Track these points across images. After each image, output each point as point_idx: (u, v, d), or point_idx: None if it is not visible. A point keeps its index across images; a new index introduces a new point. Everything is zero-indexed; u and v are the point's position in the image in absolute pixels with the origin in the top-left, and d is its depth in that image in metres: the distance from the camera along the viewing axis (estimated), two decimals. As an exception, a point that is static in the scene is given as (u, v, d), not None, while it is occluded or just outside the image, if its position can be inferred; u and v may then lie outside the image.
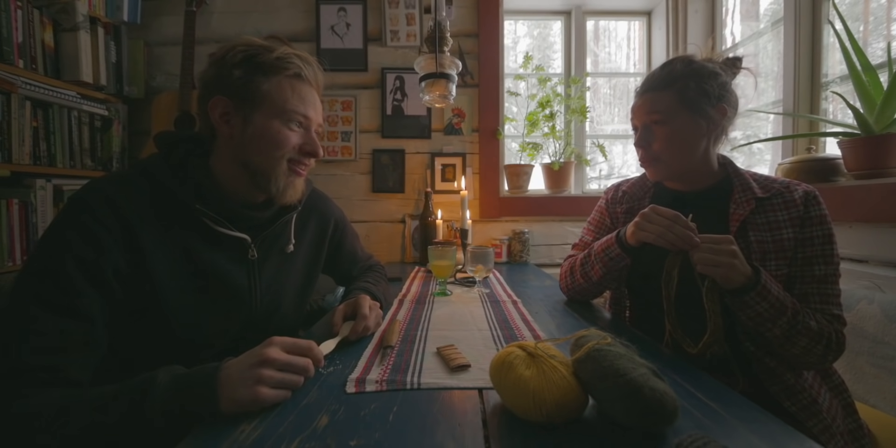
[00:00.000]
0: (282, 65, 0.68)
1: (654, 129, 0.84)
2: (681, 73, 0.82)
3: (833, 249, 0.75)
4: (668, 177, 0.89)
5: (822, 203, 0.78)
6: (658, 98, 0.83)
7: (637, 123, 0.88)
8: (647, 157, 0.87)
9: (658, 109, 0.83)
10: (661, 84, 0.83)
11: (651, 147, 0.85)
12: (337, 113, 1.82)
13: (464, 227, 1.44)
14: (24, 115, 1.34)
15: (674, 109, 0.82)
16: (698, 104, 0.81)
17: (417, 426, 0.46)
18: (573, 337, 0.52)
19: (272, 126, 0.69)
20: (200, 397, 0.47)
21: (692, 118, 0.82)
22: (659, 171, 0.87)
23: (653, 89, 0.85)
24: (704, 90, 0.81)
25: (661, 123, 0.83)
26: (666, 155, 0.84)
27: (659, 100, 0.83)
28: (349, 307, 0.77)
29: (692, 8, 1.84)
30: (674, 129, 0.82)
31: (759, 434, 0.44)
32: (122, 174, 0.66)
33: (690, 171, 0.86)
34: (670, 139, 0.83)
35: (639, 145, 0.87)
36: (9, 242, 1.29)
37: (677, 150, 0.83)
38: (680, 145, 0.83)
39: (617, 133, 2.09)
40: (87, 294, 0.55)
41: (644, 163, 0.88)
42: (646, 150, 0.86)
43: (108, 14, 1.66)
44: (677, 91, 0.81)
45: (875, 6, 1.26)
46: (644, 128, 0.86)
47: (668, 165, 0.85)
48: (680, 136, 0.82)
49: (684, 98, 0.81)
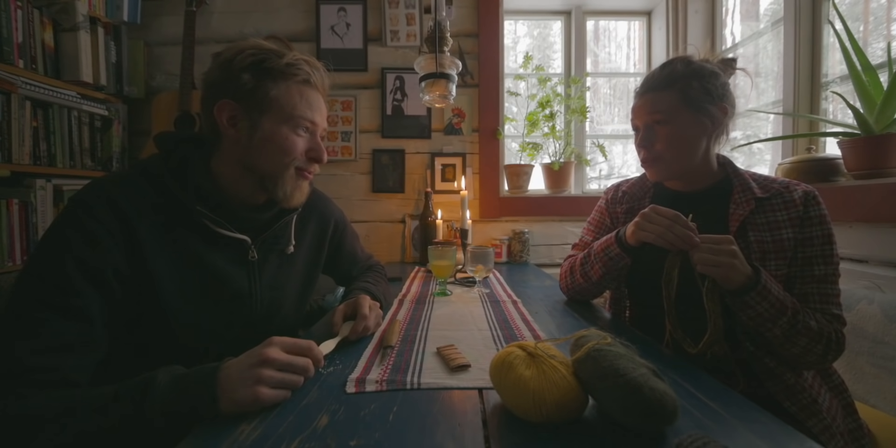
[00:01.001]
0: (291, 71, 0.69)
1: (657, 129, 0.84)
2: (682, 72, 0.82)
3: (833, 249, 0.75)
4: (670, 177, 0.89)
5: (821, 203, 0.78)
6: (660, 98, 0.83)
7: (638, 124, 0.88)
8: (649, 158, 0.86)
9: (660, 109, 0.83)
10: (663, 84, 0.83)
11: (654, 147, 0.84)
12: (337, 113, 1.82)
13: (464, 227, 1.44)
14: (24, 115, 1.34)
15: (676, 109, 0.82)
16: (701, 103, 0.81)
17: (417, 426, 0.46)
18: (573, 337, 0.52)
19: (280, 132, 0.69)
20: (200, 397, 0.47)
21: (695, 117, 0.82)
22: (661, 171, 0.87)
23: (654, 89, 0.85)
24: (707, 89, 0.81)
25: (663, 123, 0.83)
26: (668, 155, 0.83)
27: (661, 100, 0.83)
28: (349, 307, 0.77)
29: (692, 8, 1.84)
30: (676, 129, 0.82)
31: (759, 434, 0.43)
32: (122, 175, 0.66)
33: (691, 171, 0.86)
34: (672, 139, 0.83)
35: (641, 145, 0.87)
36: (9, 242, 1.29)
37: (679, 149, 0.83)
38: (682, 145, 0.83)
39: (617, 133, 2.09)
40: (86, 294, 0.55)
41: (646, 163, 0.88)
42: (648, 150, 0.86)
43: (108, 14, 1.66)
44: (679, 90, 0.81)
45: (875, 6, 1.26)
46: (646, 128, 0.85)
47: (669, 165, 0.85)
48: (682, 136, 0.82)
49: (687, 97, 0.81)
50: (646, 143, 0.85)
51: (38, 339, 0.51)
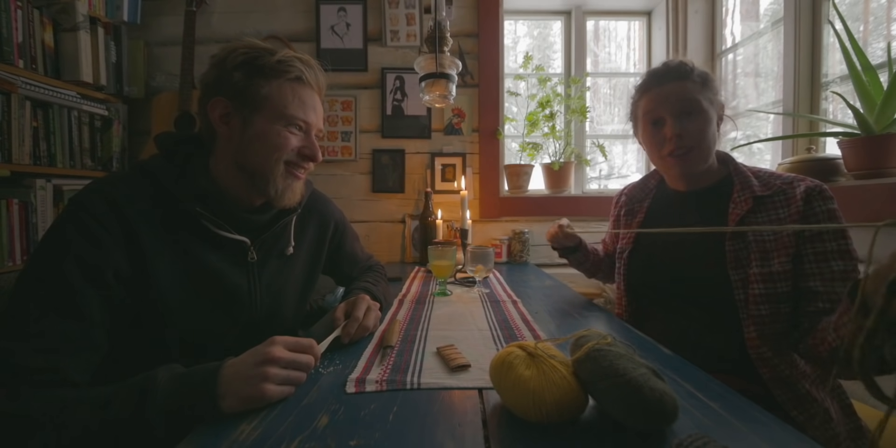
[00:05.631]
0: (283, 68, 0.68)
1: (688, 119, 0.82)
2: (691, 66, 0.83)
3: (848, 245, 0.71)
4: (701, 166, 0.85)
5: (829, 198, 0.75)
6: (685, 87, 0.82)
7: (663, 114, 0.84)
8: (681, 148, 0.83)
9: (690, 97, 0.82)
10: (683, 73, 0.83)
11: (688, 136, 0.82)
12: (337, 113, 1.82)
13: (464, 227, 1.44)
14: (24, 115, 1.34)
15: (701, 98, 0.82)
16: (714, 96, 0.83)
17: (417, 426, 0.46)
18: (573, 337, 0.52)
19: (272, 129, 0.69)
20: (201, 396, 0.47)
21: (712, 109, 0.83)
22: (695, 160, 0.84)
23: (679, 78, 0.83)
24: (714, 85, 0.83)
25: (696, 113, 0.82)
26: (703, 145, 0.82)
27: (688, 89, 0.82)
28: (349, 306, 0.77)
29: (692, 8, 1.84)
30: (704, 120, 0.82)
31: (760, 434, 0.43)
32: (122, 175, 0.66)
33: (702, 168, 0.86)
34: (703, 129, 0.82)
35: (676, 135, 0.82)
36: (9, 242, 1.29)
37: (709, 141, 0.83)
38: (710, 136, 0.83)
39: (617, 133, 2.09)
40: (87, 295, 0.55)
41: (677, 155, 0.84)
42: (682, 138, 0.82)
43: (108, 14, 1.67)
44: (698, 82, 0.82)
45: (875, 6, 1.26)
46: (677, 117, 0.83)
47: (701, 153, 0.83)
48: (709, 128, 0.82)
49: (704, 88, 0.82)
50: (682, 132, 0.82)
51: (38, 339, 0.51)
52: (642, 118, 0.89)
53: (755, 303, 0.73)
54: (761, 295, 0.73)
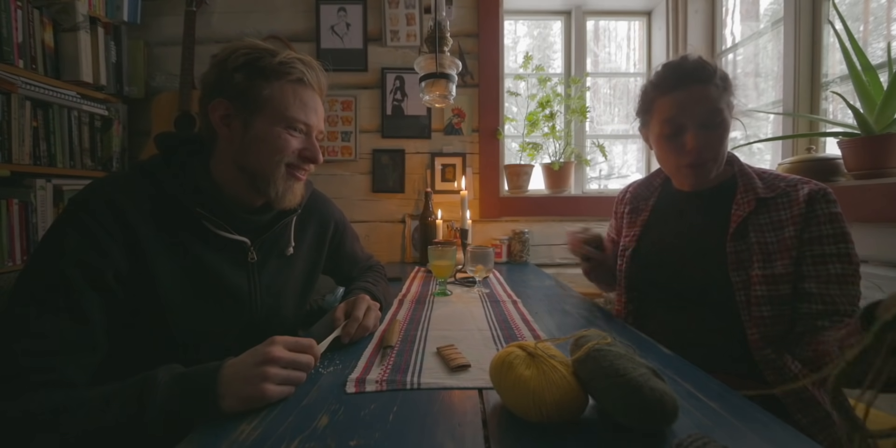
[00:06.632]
0: (284, 69, 0.68)
1: (711, 129, 0.78)
2: (714, 67, 0.79)
3: (849, 248, 0.71)
4: (713, 175, 0.82)
5: (832, 202, 0.74)
6: (709, 94, 0.77)
7: (685, 121, 0.79)
8: (700, 160, 0.79)
9: (714, 108, 0.77)
10: (707, 77, 0.78)
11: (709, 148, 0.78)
12: (337, 113, 1.82)
13: (464, 227, 1.44)
14: (24, 115, 1.34)
15: (723, 106, 0.78)
16: (730, 100, 0.79)
17: (417, 426, 0.46)
18: (573, 337, 0.52)
19: (272, 131, 0.69)
20: (201, 396, 0.47)
21: (730, 115, 0.79)
22: (710, 170, 0.81)
23: (702, 81, 0.78)
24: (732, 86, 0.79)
25: (718, 124, 0.77)
26: (721, 155, 0.79)
27: (712, 96, 0.77)
28: (349, 306, 0.77)
29: (692, 8, 1.84)
30: (725, 129, 0.78)
31: (760, 434, 0.43)
32: (122, 176, 0.66)
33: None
34: (724, 139, 0.78)
35: (697, 147, 0.78)
36: (9, 242, 1.29)
37: (724, 151, 0.80)
38: (726, 144, 0.79)
39: (617, 133, 2.09)
40: (87, 296, 0.55)
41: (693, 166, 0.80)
42: (701, 152, 0.78)
43: (108, 14, 1.67)
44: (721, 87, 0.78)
45: (875, 6, 1.26)
46: (700, 127, 0.78)
47: (716, 164, 0.79)
48: (727, 135, 0.79)
49: (726, 92, 0.78)
50: (705, 145, 0.77)
51: (38, 340, 0.51)
52: (661, 122, 0.83)
53: (757, 304, 0.72)
54: (763, 297, 0.72)
